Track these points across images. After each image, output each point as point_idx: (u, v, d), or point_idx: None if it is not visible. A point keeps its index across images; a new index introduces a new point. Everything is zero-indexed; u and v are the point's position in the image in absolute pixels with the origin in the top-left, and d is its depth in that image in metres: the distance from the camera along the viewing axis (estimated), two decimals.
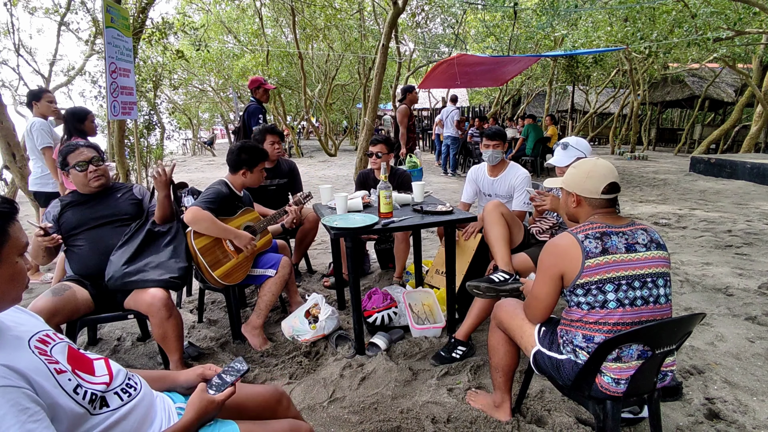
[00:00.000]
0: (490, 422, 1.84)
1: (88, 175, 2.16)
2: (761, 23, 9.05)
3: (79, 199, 2.22)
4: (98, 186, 2.21)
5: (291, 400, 1.45)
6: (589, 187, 1.51)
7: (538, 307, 1.56)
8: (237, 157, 2.53)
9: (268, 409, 1.36)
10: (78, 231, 2.16)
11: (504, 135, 2.93)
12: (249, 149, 2.56)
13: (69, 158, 2.14)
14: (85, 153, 2.16)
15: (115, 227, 2.22)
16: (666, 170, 9.88)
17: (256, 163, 2.57)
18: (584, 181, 1.52)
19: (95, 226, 2.18)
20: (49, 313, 1.87)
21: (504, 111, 19.19)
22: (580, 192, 1.53)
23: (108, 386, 1.04)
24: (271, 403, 1.37)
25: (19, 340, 0.95)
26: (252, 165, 2.56)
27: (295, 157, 14.94)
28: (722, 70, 13.81)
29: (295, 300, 2.86)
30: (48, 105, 3.70)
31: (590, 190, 1.51)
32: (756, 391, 2.06)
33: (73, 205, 2.20)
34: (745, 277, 3.39)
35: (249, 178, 2.58)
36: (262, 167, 2.64)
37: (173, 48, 8.25)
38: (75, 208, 2.20)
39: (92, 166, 2.16)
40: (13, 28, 8.32)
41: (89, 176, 2.16)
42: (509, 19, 11.09)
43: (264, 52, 14.32)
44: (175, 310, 2.11)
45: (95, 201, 2.24)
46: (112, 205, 2.27)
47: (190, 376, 1.25)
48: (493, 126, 3.02)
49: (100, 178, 2.20)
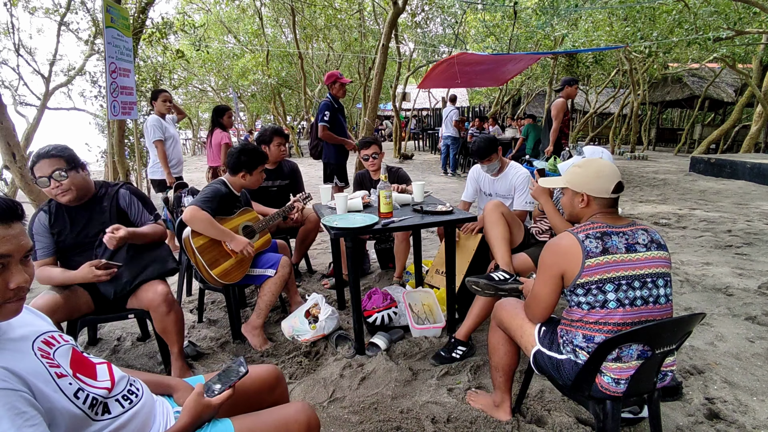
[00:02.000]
0: (490, 422, 1.84)
1: (52, 191, 1.92)
2: (761, 23, 9.06)
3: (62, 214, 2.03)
4: (68, 201, 1.97)
5: (285, 380, 1.48)
6: (600, 187, 1.51)
7: (538, 307, 1.56)
8: (236, 159, 2.52)
9: (267, 388, 1.37)
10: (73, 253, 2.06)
11: (489, 147, 2.78)
12: (248, 152, 2.55)
13: (34, 170, 1.89)
14: (46, 166, 1.88)
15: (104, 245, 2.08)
16: (666, 170, 9.88)
17: (255, 165, 2.56)
18: (594, 180, 1.52)
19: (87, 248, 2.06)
20: (50, 309, 1.87)
21: (504, 111, 19.18)
22: (590, 191, 1.52)
23: (110, 392, 1.03)
24: (270, 383, 1.38)
25: (23, 342, 0.94)
26: (251, 167, 2.55)
27: (295, 156, 14.95)
28: (722, 70, 13.81)
29: (295, 300, 2.86)
30: (163, 103, 4.21)
31: (600, 189, 1.51)
32: (756, 391, 2.06)
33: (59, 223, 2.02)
34: (745, 277, 3.39)
35: (248, 180, 2.58)
36: (261, 169, 2.63)
37: (173, 48, 8.25)
38: (63, 226, 2.02)
39: (53, 181, 1.89)
40: (13, 28, 8.33)
41: (53, 192, 1.92)
42: (509, 19, 11.08)
43: (264, 52, 14.33)
44: (176, 305, 2.12)
45: (80, 217, 2.04)
46: (97, 219, 2.06)
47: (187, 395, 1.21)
48: (478, 138, 2.91)
49: (66, 193, 1.93)
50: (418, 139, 17.66)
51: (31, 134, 8.16)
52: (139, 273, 2.11)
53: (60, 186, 1.91)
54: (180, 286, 3.19)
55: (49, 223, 2.01)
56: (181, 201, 2.98)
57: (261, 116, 20.86)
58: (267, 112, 18.79)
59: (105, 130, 10.65)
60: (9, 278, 0.89)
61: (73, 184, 1.95)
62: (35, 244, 1.99)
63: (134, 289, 2.10)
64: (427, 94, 20.04)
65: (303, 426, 1.20)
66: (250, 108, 20.08)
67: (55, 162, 1.90)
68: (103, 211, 2.09)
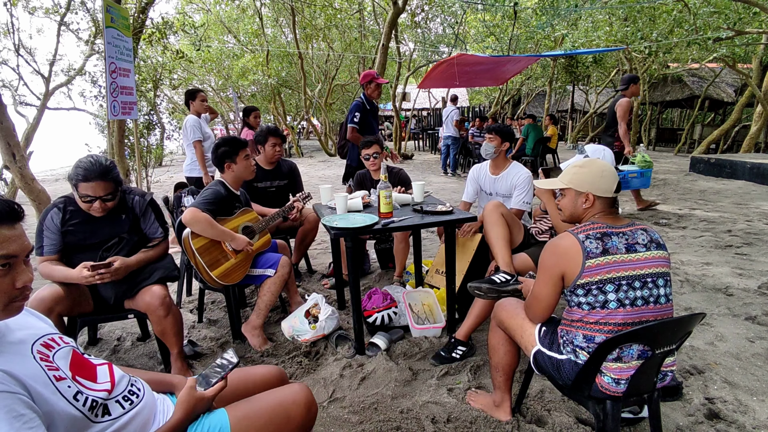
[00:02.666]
0: (490, 422, 1.84)
1: (93, 208, 1.97)
2: (761, 23, 9.05)
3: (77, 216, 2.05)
4: (100, 215, 2.03)
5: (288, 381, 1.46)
6: (604, 186, 1.52)
7: (538, 307, 1.56)
8: (216, 155, 2.52)
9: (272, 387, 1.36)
10: (81, 249, 2.07)
11: (504, 133, 2.94)
12: (224, 142, 2.54)
13: (79, 185, 1.91)
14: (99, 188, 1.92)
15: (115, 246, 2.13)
16: (666, 170, 9.87)
17: (235, 151, 2.52)
18: (599, 180, 1.53)
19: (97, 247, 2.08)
20: (53, 300, 1.89)
21: (504, 111, 19.19)
22: (595, 191, 1.53)
23: (110, 393, 1.03)
24: (273, 384, 1.37)
25: (22, 345, 0.95)
26: (232, 155, 2.51)
27: (295, 157, 14.95)
28: (722, 70, 13.81)
29: (295, 300, 2.86)
30: (201, 104, 4.24)
31: (605, 189, 1.52)
32: (756, 391, 2.06)
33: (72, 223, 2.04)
34: (745, 277, 3.39)
35: (236, 170, 2.54)
36: (245, 155, 2.57)
37: (173, 48, 8.26)
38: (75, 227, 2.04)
39: (99, 202, 1.96)
40: (13, 28, 8.33)
41: (93, 208, 1.98)
42: (509, 19, 11.09)
43: (264, 52, 14.33)
44: (173, 308, 2.12)
45: (94, 221, 2.07)
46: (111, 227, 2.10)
47: None
48: (498, 123, 3.07)
49: (105, 210, 2.01)
50: (418, 139, 17.66)
51: (31, 134, 8.16)
52: (142, 281, 2.12)
53: (104, 207, 1.98)
54: (180, 287, 3.19)
55: (62, 221, 2.03)
56: (181, 201, 2.98)
57: (261, 116, 20.91)
58: (267, 112, 18.76)
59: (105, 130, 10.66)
60: (15, 277, 0.91)
61: (114, 204, 2.03)
62: (43, 240, 2.02)
63: (138, 290, 2.11)
64: (427, 94, 20.05)
65: (302, 408, 1.17)
66: None
67: (108, 186, 1.95)
68: (121, 223, 2.12)
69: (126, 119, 5.81)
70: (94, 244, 2.07)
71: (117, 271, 1.98)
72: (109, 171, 1.94)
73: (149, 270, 2.16)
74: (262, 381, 1.35)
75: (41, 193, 4.77)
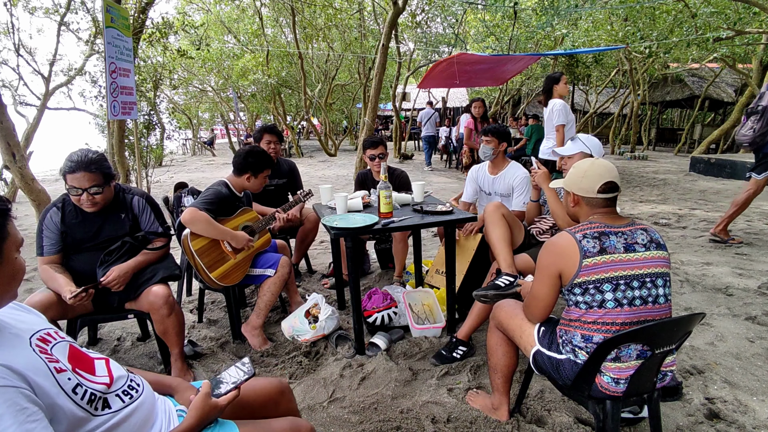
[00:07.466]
0: (490, 422, 1.84)
1: (81, 201, 1.97)
2: (761, 23, 9.04)
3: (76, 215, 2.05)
4: (92, 210, 2.02)
5: (292, 393, 1.46)
6: (585, 187, 1.52)
7: (537, 307, 1.56)
8: (244, 160, 2.52)
9: (272, 402, 1.36)
10: (80, 249, 2.08)
11: (501, 134, 2.93)
12: (256, 154, 2.55)
13: (67, 177, 1.92)
14: (84, 180, 1.91)
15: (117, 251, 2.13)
16: (666, 170, 9.87)
17: (261, 169, 2.56)
18: (581, 180, 1.54)
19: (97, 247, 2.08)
20: (43, 307, 1.89)
21: (504, 111, 19.18)
22: (577, 191, 1.55)
23: (109, 387, 1.03)
24: (274, 397, 1.37)
25: (20, 339, 0.95)
26: (257, 170, 2.55)
27: (295, 156, 14.94)
28: (722, 70, 13.80)
29: (295, 300, 2.86)
30: (565, 86, 4.02)
31: (586, 189, 1.52)
32: (756, 391, 2.06)
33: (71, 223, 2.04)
34: (745, 277, 3.39)
35: (251, 183, 2.57)
36: (266, 175, 2.62)
37: (173, 48, 8.25)
38: (74, 227, 2.05)
39: (87, 194, 1.94)
40: (13, 28, 8.31)
41: (81, 201, 1.97)
42: (509, 19, 11.07)
43: (264, 52, 14.32)
44: (176, 307, 2.13)
45: (93, 221, 2.07)
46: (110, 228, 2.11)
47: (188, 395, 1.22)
48: (494, 124, 3.04)
49: (95, 206, 2.00)
50: (417, 139, 17.65)
51: (31, 134, 8.14)
52: (145, 282, 2.11)
53: (92, 200, 1.96)
54: (180, 287, 3.19)
55: (61, 221, 2.02)
56: (181, 201, 2.98)
57: (261, 116, 20.83)
58: (267, 112, 18.76)
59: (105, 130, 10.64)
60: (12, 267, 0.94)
61: (104, 197, 2.01)
62: (43, 240, 2.02)
63: (141, 291, 2.11)
64: (427, 93, 20.03)
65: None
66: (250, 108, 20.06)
67: (94, 177, 1.93)
68: (121, 222, 2.12)
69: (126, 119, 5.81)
70: (94, 245, 2.07)
71: (118, 280, 2.00)
72: (95, 162, 1.93)
73: (151, 270, 2.16)
74: (263, 392, 1.35)
75: (41, 193, 4.76)
